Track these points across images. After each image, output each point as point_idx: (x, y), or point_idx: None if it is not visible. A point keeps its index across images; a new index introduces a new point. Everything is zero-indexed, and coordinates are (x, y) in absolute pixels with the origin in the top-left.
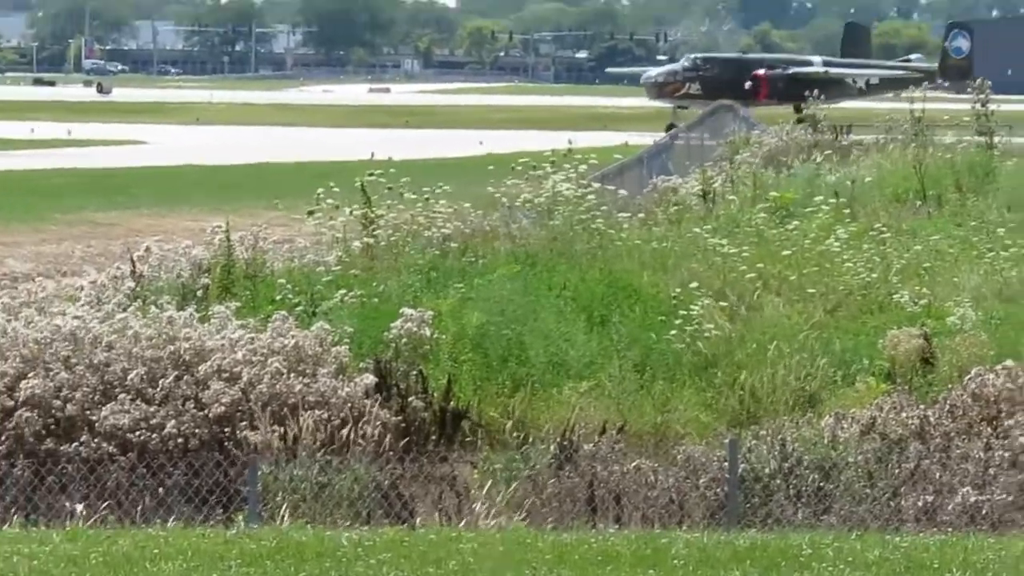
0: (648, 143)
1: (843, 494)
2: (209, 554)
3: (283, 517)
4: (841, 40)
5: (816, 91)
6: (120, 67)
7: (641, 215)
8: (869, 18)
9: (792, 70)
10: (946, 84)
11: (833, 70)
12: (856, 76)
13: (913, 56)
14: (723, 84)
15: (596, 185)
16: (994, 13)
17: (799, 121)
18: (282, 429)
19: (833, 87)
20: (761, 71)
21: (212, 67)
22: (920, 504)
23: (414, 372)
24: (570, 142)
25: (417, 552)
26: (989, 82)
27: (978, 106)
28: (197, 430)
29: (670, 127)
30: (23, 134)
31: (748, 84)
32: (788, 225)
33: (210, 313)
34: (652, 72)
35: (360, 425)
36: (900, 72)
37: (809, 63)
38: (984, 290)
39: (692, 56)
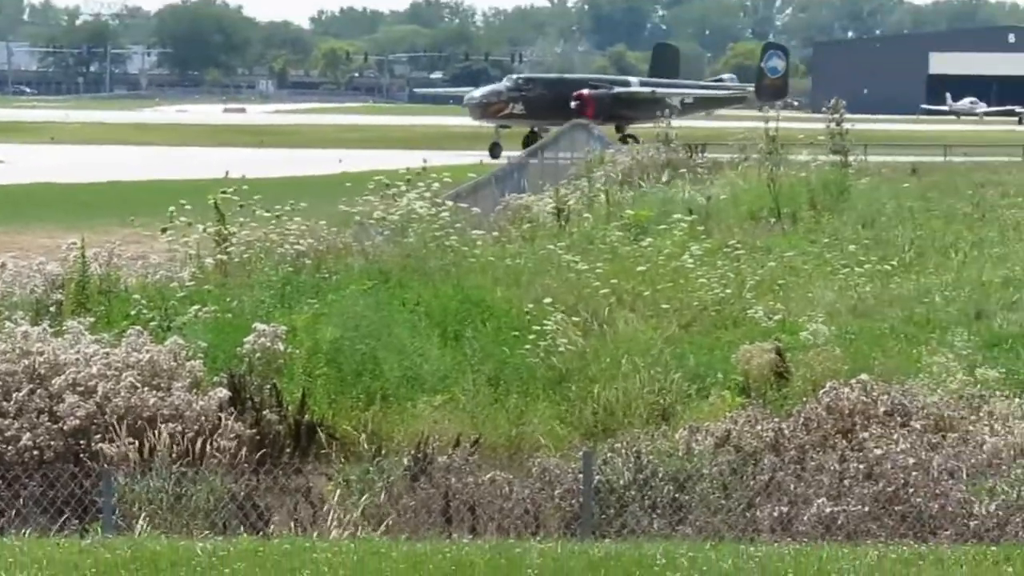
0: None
1: (698, 505)
2: (64, 563)
3: (140, 528)
4: (650, 61)
5: (634, 110)
6: None
7: (495, 233)
8: (725, 39)
9: (616, 90)
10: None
11: (657, 90)
12: (675, 95)
13: (726, 76)
14: (546, 104)
15: (450, 203)
16: (849, 34)
17: (622, 140)
18: (138, 442)
19: (653, 106)
20: (585, 91)
21: (67, 87)
22: (775, 515)
23: (268, 386)
24: (424, 161)
25: (271, 561)
26: (844, 102)
27: (833, 125)
28: (52, 442)
29: (493, 147)
30: None
31: (574, 104)
32: (643, 242)
33: (64, 328)
34: (475, 93)
35: (215, 438)
36: (714, 92)
37: (628, 83)
38: (839, 305)
39: (514, 76)
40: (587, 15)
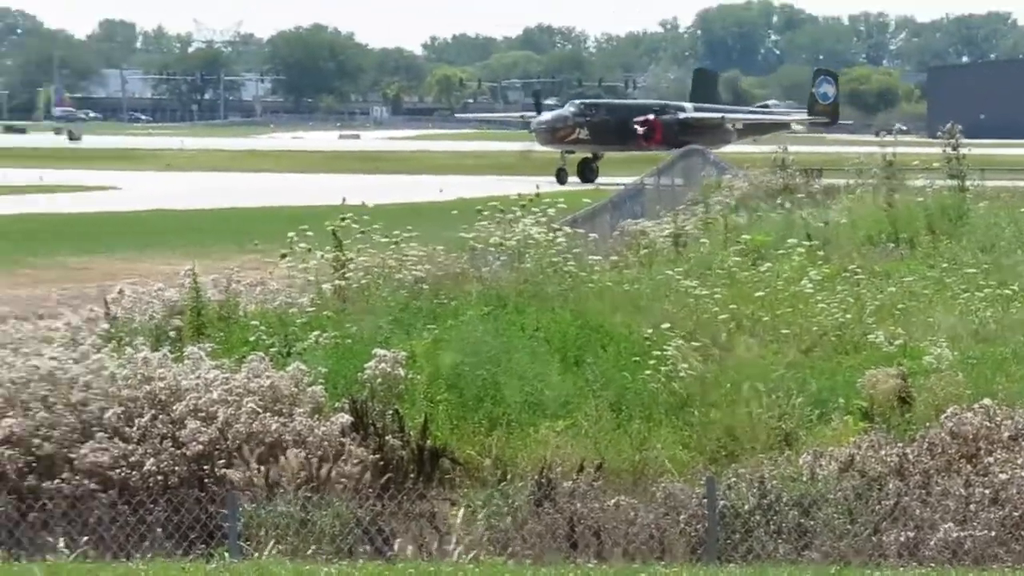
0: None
1: (823, 530)
2: None
3: (266, 552)
4: (691, 86)
5: (697, 136)
6: (91, 114)
7: (612, 258)
8: (838, 64)
9: (682, 115)
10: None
11: (726, 115)
12: (734, 121)
13: (771, 102)
14: (610, 129)
15: (567, 229)
16: (964, 58)
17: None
18: (262, 467)
19: (714, 131)
20: (652, 116)
21: (181, 114)
22: (902, 540)
23: (390, 411)
24: (537, 187)
25: None
26: (960, 127)
27: (949, 150)
28: (176, 468)
29: (560, 172)
30: None
31: (641, 129)
32: (761, 267)
33: (184, 354)
34: (543, 118)
35: (339, 463)
36: (762, 117)
37: (683, 108)
38: (959, 330)
39: (577, 102)
40: (700, 40)
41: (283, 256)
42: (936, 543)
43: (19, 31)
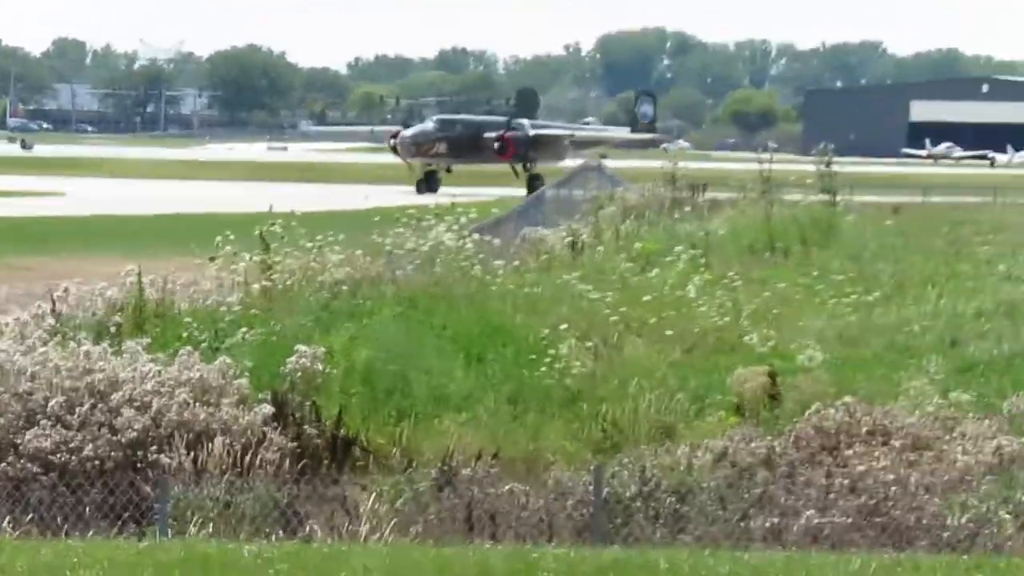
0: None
1: (697, 515)
2: (124, 563)
3: (192, 532)
4: (515, 103)
5: (541, 149)
6: (44, 125)
7: (515, 263)
8: (724, 86)
9: (532, 132)
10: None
11: (551, 131)
12: (568, 137)
13: (589, 119)
14: (464, 143)
15: (475, 236)
16: (837, 83)
17: (530, 179)
18: (192, 453)
19: (554, 147)
20: (506, 132)
21: (126, 126)
22: (767, 525)
23: (308, 403)
24: (454, 196)
25: (312, 564)
26: (832, 146)
27: (822, 167)
28: (112, 453)
29: (420, 183)
30: None
31: (496, 144)
32: (649, 273)
33: (123, 348)
34: (407, 132)
35: (260, 450)
36: (589, 134)
37: (522, 125)
38: (826, 333)
39: (436, 118)
40: (599, 63)
41: (212, 259)
42: (798, 529)
43: None
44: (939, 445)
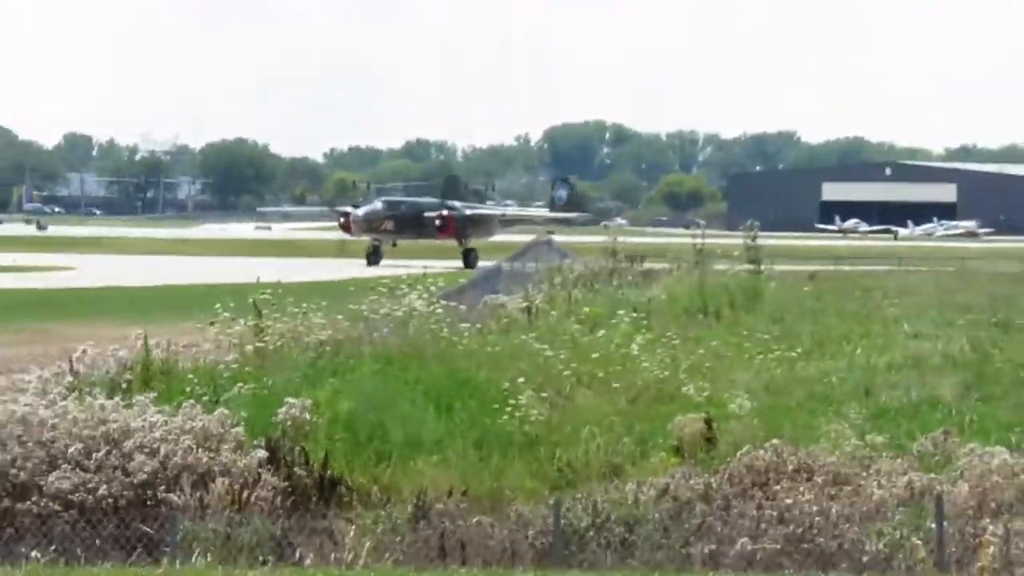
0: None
1: (644, 543)
2: None
3: (197, 561)
4: (441, 189)
5: (476, 227)
6: (56, 209)
7: (478, 325)
8: (657, 171)
9: (468, 212)
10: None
11: (484, 212)
12: (498, 216)
13: (509, 202)
14: (408, 222)
15: (443, 302)
16: (757, 167)
17: (465, 253)
18: (196, 492)
19: (487, 225)
20: (446, 212)
21: (128, 209)
22: (706, 551)
23: (297, 448)
24: (425, 268)
25: None
26: (757, 223)
27: (748, 240)
28: (125, 492)
29: (371, 254)
30: None
31: (438, 222)
32: (597, 333)
33: (133, 401)
34: (359, 212)
35: (256, 489)
36: (514, 214)
37: (454, 206)
38: (754, 384)
39: (384, 199)
40: (546, 152)
41: (211, 323)
42: (734, 554)
43: None
44: (857, 480)
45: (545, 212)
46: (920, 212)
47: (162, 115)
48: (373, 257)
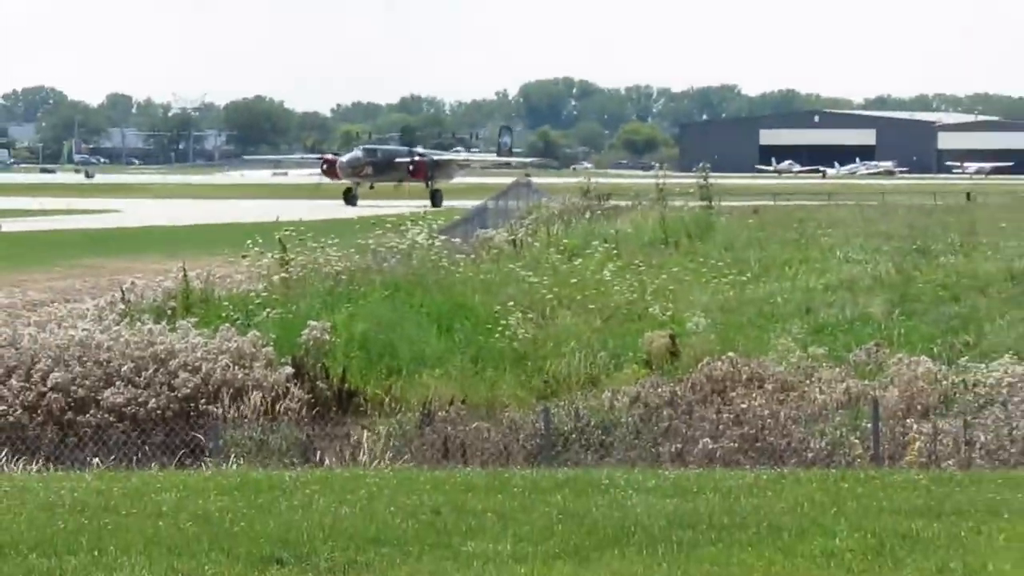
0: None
1: (619, 444)
2: (194, 487)
3: (233, 464)
4: (400, 140)
5: (439, 171)
6: (101, 160)
7: (472, 256)
8: (616, 121)
9: (436, 156)
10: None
11: (447, 157)
12: (456, 162)
13: (458, 148)
14: (385, 167)
15: (442, 236)
16: (704, 116)
17: (432, 193)
18: (233, 404)
19: (448, 168)
20: (418, 158)
21: (162, 160)
22: (673, 450)
23: (319, 365)
24: (424, 208)
25: (337, 485)
26: (709, 165)
27: (701, 180)
28: (171, 405)
29: (347, 192)
30: (34, 206)
31: (411, 167)
32: (574, 262)
33: (177, 326)
34: (343, 159)
35: (285, 401)
36: (468, 158)
37: (420, 152)
38: (710, 305)
39: (362, 147)
40: (522, 105)
41: (244, 257)
42: (697, 452)
43: (50, 101)
44: (802, 387)
45: (493, 156)
46: (844, 154)
47: (191, 76)
48: (350, 198)
